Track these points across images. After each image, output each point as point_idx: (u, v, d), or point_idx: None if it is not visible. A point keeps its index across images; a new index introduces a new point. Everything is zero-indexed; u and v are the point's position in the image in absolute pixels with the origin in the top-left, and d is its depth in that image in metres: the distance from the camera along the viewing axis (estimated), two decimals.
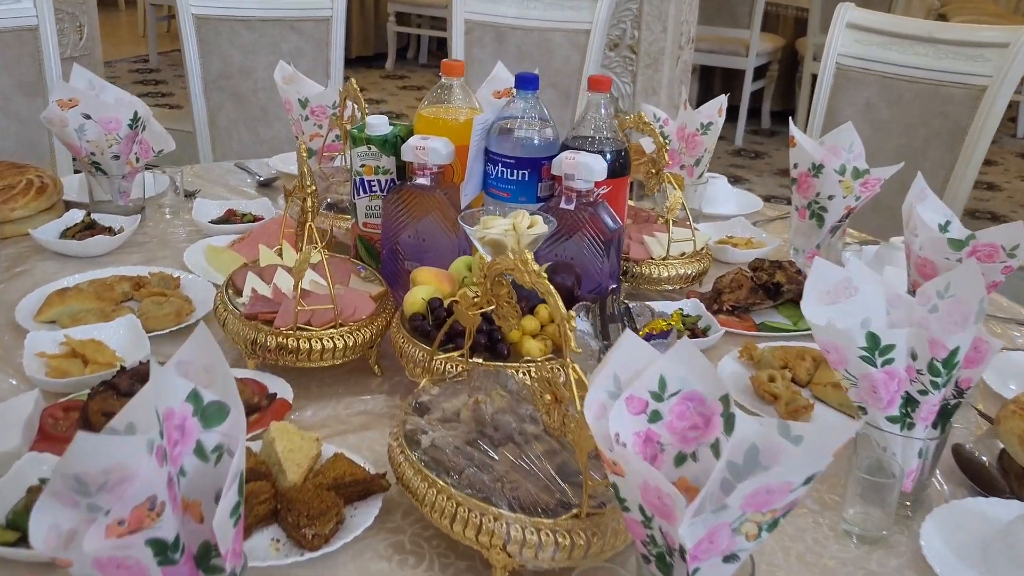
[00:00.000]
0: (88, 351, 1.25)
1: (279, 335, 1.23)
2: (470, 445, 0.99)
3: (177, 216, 1.87)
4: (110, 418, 1.08)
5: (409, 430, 1.01)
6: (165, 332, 1.37)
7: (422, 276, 1.31)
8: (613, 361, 0.81)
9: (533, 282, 0.93)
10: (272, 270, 1.39)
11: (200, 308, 1.45)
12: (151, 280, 1.50)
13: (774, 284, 1.54)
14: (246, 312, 1.27)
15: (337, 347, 1.24)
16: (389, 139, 1.46)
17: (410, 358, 1.21)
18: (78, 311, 1.39)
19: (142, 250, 1.71)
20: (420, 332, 1.22)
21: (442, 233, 1.41)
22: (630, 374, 0.81)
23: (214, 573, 0.77)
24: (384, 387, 1.30)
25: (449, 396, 1.07)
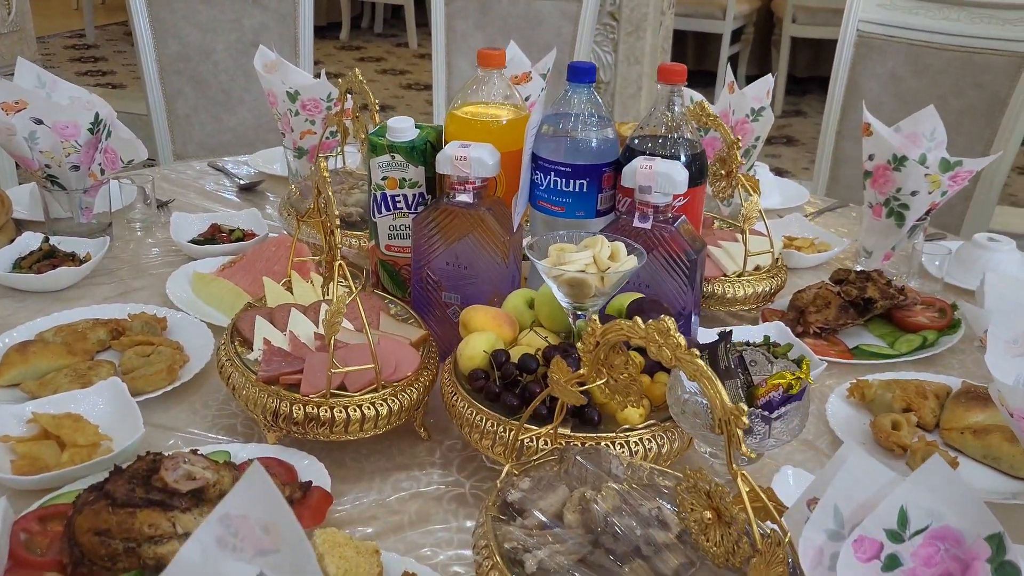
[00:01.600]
0: (65, 431, 1.00)
1: (308, 404, 0.99)
2: (588, 566, 0.76)
3: (150, 233, 1.60)
4: (105, 539, 0.84)
5: (508, 548, 0.78)
6: (157, 394, 1.11)
7: (476, 320, 1.07)
8: (834, 489, 0.59)
9: (678, 362, 0.70)
10: (284, 312, 1.14)
11: (194, 357, 1.20)
12: (132, 325, 1.23)
13: (865, 300, 1.33)
14: (263, 376, 1.02)
15: (380, 414, 1.00)
16: (417, 146, 1.21)
17: (475, 427, 0.97)
18: (46, 371, 1.13)
19: (113, 279, 1.44)
20: (487, 395, 0.98)
21: (488, 258, 1.17)
22: (857, 506, 0.59)
23: None
24: (436, 456, 1.07)
25: (544, 490, 0.85)
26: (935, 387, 1.16)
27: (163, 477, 0.86)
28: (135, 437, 0.98)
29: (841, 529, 0.59)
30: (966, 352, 1.32)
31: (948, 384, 1.18)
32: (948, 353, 1.30)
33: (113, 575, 0.83)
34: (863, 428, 1.12)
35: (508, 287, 1.18)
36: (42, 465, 0.97)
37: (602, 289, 1.00)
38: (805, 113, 5.29)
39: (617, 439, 0.94)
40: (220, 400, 1.14)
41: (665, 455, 0.96)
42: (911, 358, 1.27)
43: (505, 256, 1.17)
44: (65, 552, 0.84)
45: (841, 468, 0.58)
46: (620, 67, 4.14)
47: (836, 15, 4.82)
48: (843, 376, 1.24)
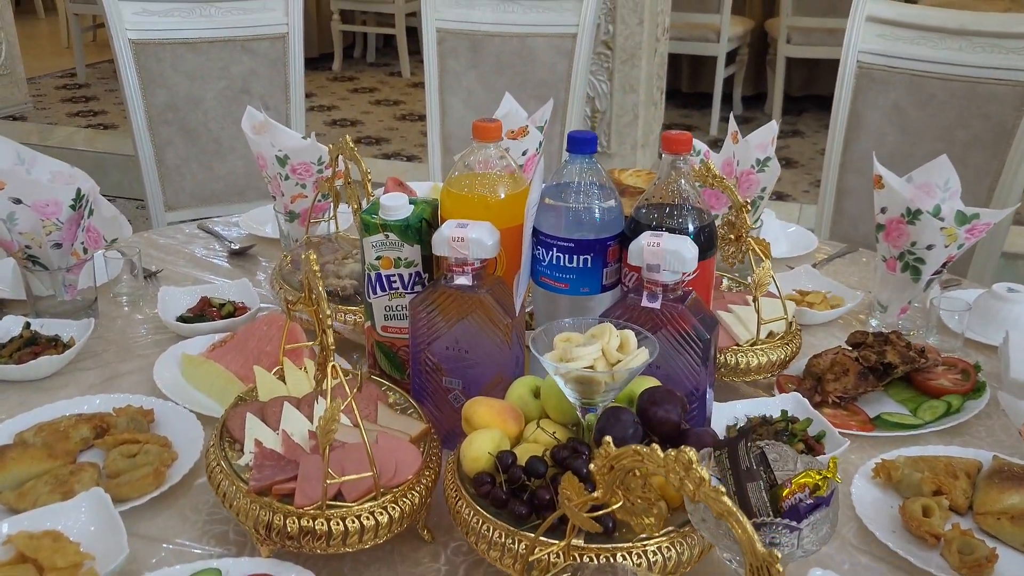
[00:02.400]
0: (43, 553, 0.93)
1: (303, 517, 0.92)
2: None
3: (137, 308, 1.54)
4: None
5: None
6: (144, 500, 1.05)
7: (480, 415, 1.01)
8: None
9: (702, 498, 0.64)
10: (276, 407, 1.08)
11: (183, 453, 1.13)
12: (117, 420, 1.17)
13: (884, 364, 1.27)
14: (255, 486, 0.96)
15: (380, 523, 0.94)
16: (412, 224, 1.16)
17: (483, 537, 0.91)
18: (25, 478, 1.07)
19: (98, 363, 1.38)
20: (494, 502, 0.92)
21: (489, 341, 1.11)
22: None
23: None
24: (441, 561, 1.00)
25: None
26: (965, 464, 1.10)
27: None
28: (119, 559, 0.92)
29: None
30: (994, 417, 1.26)
31: (979, 459, 1.12)
32: (975, 420, 1.24)
33: None
34: (891, 513, 1.06)
35: (511, 370, 1.13)
36: None
37: (612, 384, 0.94)
38: (803, 133, 5.25)
39: (634, 549, 0.88)
40: (211, 504, 1.08)
41: (685, 562, 0.90)
42: (936, 428, 1.21)
43: (508, 339, 1.11)
44: None
45: None
46: (616, 96, 4.10)
47: (831, 35, 4.82)
48: (865, 450, 1.18)
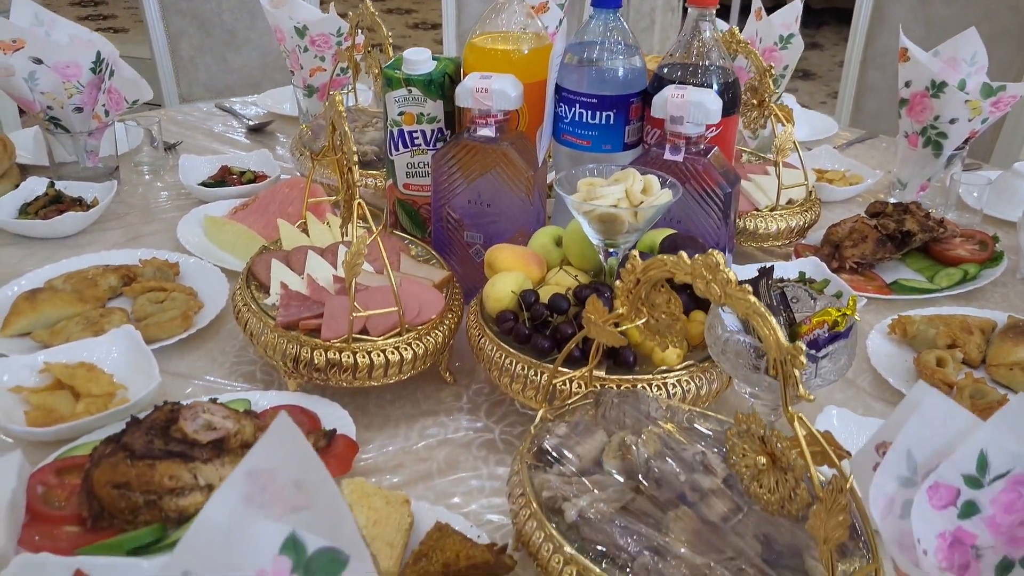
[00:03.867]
0: (78, 380, 0.96)
1: (330, 350, 0.94)
2: (630, 514, 0.72)
3: (158, 176, 1.55)
4: (123, 492, 0.81)
5: (547, 497, 0.74)
6: (172, 341, 1.07)
7: (502, 259, 1.02)
8: (907, 434, 0.54)
9: (728, 299, 0.66)
10: (301, 255, 1.09)
11: (208, 303, 1.15)
12: (143, 270, 1.19)
13: (903, 233, 1.28)
14: (282, 321, 0.97)
15: (405, 359, 0.96)
16: (435, 79, 1.15)
17: (505, 371, 0.93)
18: (57, 319, 1.09)
19: (122, 224, 1.39)
20: (516, 337, 0.94)
21: (511, 195, 1.12)
22: (932, 451, 0.54)
23: None
24: (462, 401, 1.03)
25: (581, 436, 0.81)
26: (980, 322, 1.12)
27: (182, 427, 0.83)
28: (151, 386, 0.95)
29: (914, 476, 0.54)
30: (1009, 285, 1.27)
31: (993, 319, 1.13)
32: (991, 287, 1.25)
33: (134, 528, 0.80)
34: (906, 366, 1.08)
35: (532, 225, 1.13)
36: (56, 416, 0.93)
37: (635, 224, 0.95)
38: (821, 46, 5.16)
39: (654, 381, 0.90)
40: (238, 347, 1.10)
41: (704, 396, 0.92)
42: (952, 292, 1.22)
43: (529, 193, 1.11)
44: (84, 506, 0.81)
45: (915, 411, 0.54)
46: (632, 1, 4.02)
47: None
48: (881, 312, 1.19)
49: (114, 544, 0.78)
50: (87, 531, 0.80)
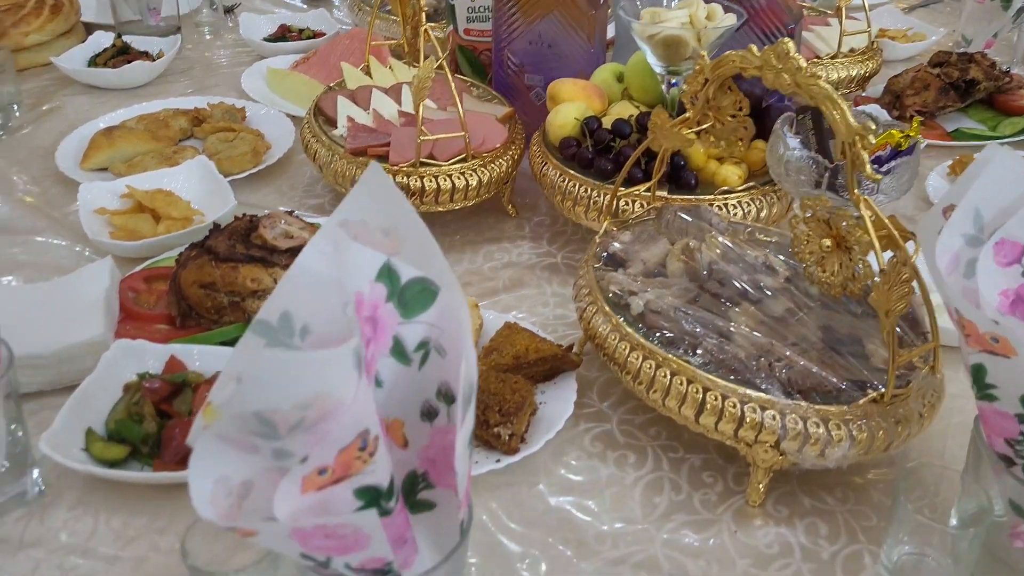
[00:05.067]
0: (159, 204, 1.00)
1: (398, 174, 0.97)
2: (695, 308, 0.75)
3: (218, 36, 1.57)
4: (209, 291, 0.85)
5: (614, 291, 0.77)
6: (243, 175, 1.11)
7: (565, 91, 1.03)
8: (976, 192, 0.56)
9: (797, 87, 0.67)
10: (366, 93, 1.11)
11: (276, 144, 1.18)
12: (212, 113, 1.22)
13: (967, 82, 1.26)
14: (351, 147, 1.00)
15: (470, 185, 0.99)
16: None
17: (568, 194, 0.95)
18: (132, 155, 1.13)
19: (187, 77, 1.42)
20: (580, 161, 0.96)
21: (572, 37, 1.12)
22: (999, 209, 0.56)
23: (423, 510, 0.56)
24: (525, 231, 1.06)
25: (645, 243, 0.83)
26: None
27: (262, 235, 0.87)
28: (228, 207, 0.98)
29: (980, 234, 0.56)
30: None
31: None
32: None
33: (219, 327, 0.85)
34: None
35: (592, 67, 1.14)
36: (138, 236, 0.98)
37: (699, 49, 0.95)
38: None
39: (715, 201, 0.92)
40: (305, 182, 1.14)
41: (763, 220, 0.94)
42: (1015, 139, 1.21)
43: (591, 35, 1.12)
44: (173, 305, 0.86)
45: (984, 169, 0.55)
46: None
47: None
48: (942, 157, 1.18)
49: (202, 338, 0.83)
50: (175, 329, 0.85)
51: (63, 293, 0.84)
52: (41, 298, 0.83)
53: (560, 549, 0.66)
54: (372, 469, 0.47)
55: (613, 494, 0.71)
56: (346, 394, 0.44)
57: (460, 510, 0.52)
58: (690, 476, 0.73)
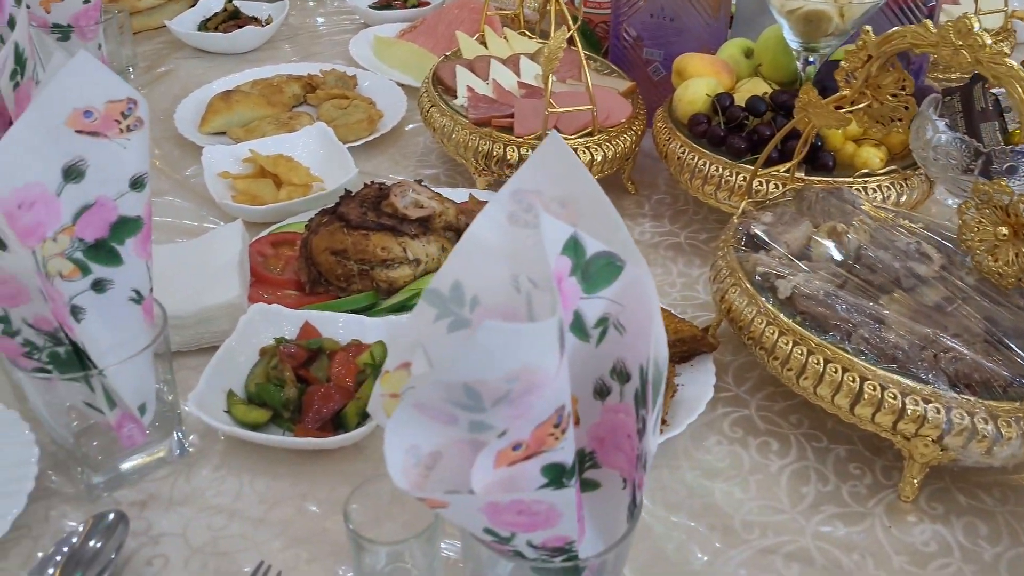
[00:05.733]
0: (280, 169, 1.00)
1: (523, 146, 0.96)
2: (847, 292, 0.73)
3: (322, 3, 1.57)
4: (340, 258, 0.85)
5: (761, 274, 0.75)
6: (359, 143, 1.10)
7: (693, 66, 1.01)
8: None
9: (978, 65, 0.64)
10: (484, 63, 1.10)
11: (388, 112, 1.18)
12: (325, 80, 1.22)
13: None
14: (474, 118, 0.99)
15: (595, 160, 0.97)
16: None
17: (697, 173, 0.93)
18: (249, 119, 1.13)
19: (293, 44, 1.42)
20: (711, 139, 0.93)
21: (694, 10, 1.09)
22: None
23: (588, 489, 0.55)
24: (645, 209, 1.03)
25: (787, 225, 0.80)
26: None
27: (393, 203, 0.86)
28: (350, 175, 0.98)
29: None
30: None
31: None
32: None
33: (347, 295, 0.85)
34: None
35: (714, 42, 1.11)
36: (261, 201, 0.98)
37: (841, 25, 0.92)
38: None
39: (855, 183, 0.88)
40: (419, 151, 1.13)
41: (903, 204, 0.90)
42: None
43: (715, 7, 1.09)
44: (302, 271, 0.86)
45: None
46: None
47: None
48: None
49: (333, 306, 0.83)
50: (304, 295, 0.85)
51: (198, 255, 0.84)
52: (178, 259, 0.83)
53: (706, 535, 0.65)
54: (563, 446, 0.46)
55: (758, 481, 0.69)
56: (551, 368, 0.43)
57: (636, 491, 0.51)
58: (836, 467, 0.71)
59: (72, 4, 1.11)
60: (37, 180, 0.62)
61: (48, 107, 0.61)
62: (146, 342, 0.65)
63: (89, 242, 0.64)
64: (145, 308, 0.67)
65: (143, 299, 0.67)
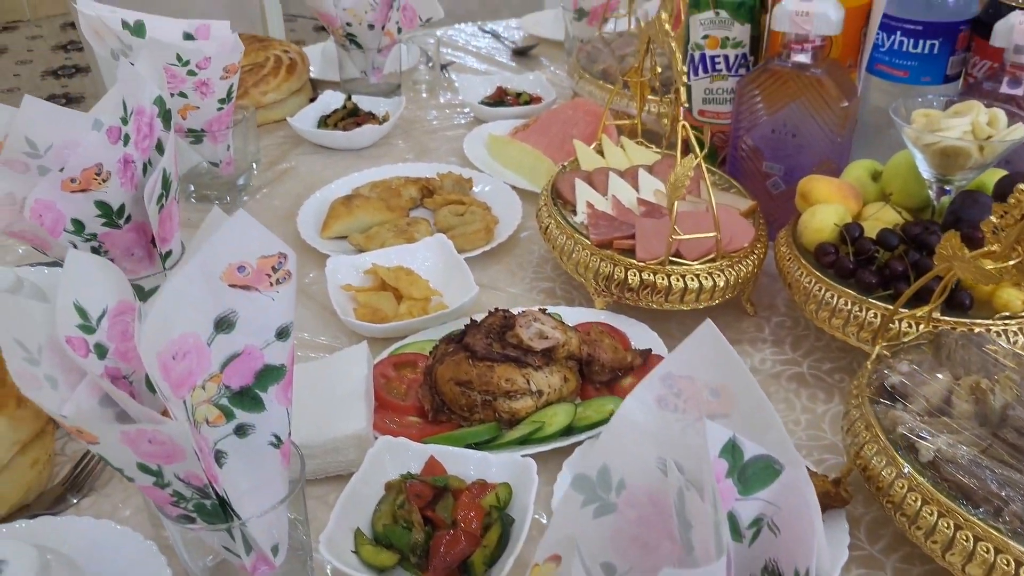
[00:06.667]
0: (401, 283, 1.02)
1: (645, 271, 0.95)
2: (990, 457, 0.70)
3: (434, 95, 1.61)
4: (465, 389, 0.85)
5: (901, 434, 0.72)
6: (476, 253, 1.12)
7: (819, 190, 0.99)
8: None
9: None
10: (602, 176, 1.11)
11: (503, 217, 1.19)
12: (442, 184, 1.24)
13: None
14: (596, 239, 0.99)
15: (717, 285, 0.96)
16: (746, 1, 1.12)
17: (824, 305, 0.91)
18: (369, 224, 1.16)
19: (408, 139, 1.45)
20: (839, 271, 0.92)
21: (819, 126, 1.08)
22: None
23: None
24: (765, 332, 1.02)
25: (925, 376, 0.78)
26: None
27: (518, 334, 0.86)
28: (471, 295, 0.99)
29: None
30: None
31: None
32: None
33: (469, 424, 0.85)
34: None
35: (837, 157, 1.09)
36: (381, 315, 0.99)
37: (980, 160, 0.90)
38: None
39: (994, 326, 0.85)
40: (535, 261, 1.14)
41: None
42: None
43: (841, 125, 1.07)
44: (426, 398, 0.86)
45: None
46: None
47: None
48: None
49: (456, 437, 0.83)
50: (427, 423, 0.86)
51: (325, 378, 0.85)
52: (304, 381, 0.85)
53: None
54: None
55: None
56: None
57: None
58: None
59: (207, 111, 1.16)
60: (192, 331, 0.64)
61: (206, 263, 0.63)
62: (281, 484, 0.67)
63: (235, 389, 0.66)
64: (283, 452, 0.68)
65: (282, 444, 0.68)
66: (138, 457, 0.60)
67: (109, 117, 0.83)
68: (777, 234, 1.03)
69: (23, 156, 0.80)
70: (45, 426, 0.80)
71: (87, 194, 0.85)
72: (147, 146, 0.89)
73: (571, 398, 0.88)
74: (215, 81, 1.14)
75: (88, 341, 0.62)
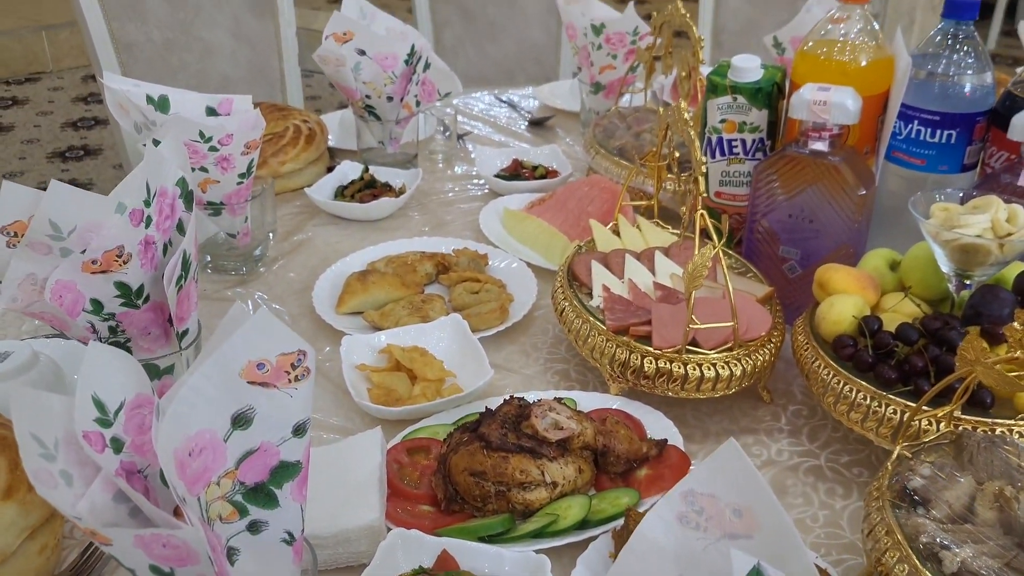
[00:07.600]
0: (416, 364, 1.01)
1: (661, 358, 0.95)
2: (1014, 570, 0.68)
3: (450, 165, 1.62)
4: (478, 479, 0.84)
5: (925, 543, 0.71)
6: (490, 333, 1.11)
7: (837, 281, 0.99)
8: None
9: None
10: (619, 258, 1.11)
11: (518, 295, 1.19)
12: (458, 260, 1.24)
13: None
14: (612, 325, 0.99)
15: (734, 374, 0.95)
16: (763, 88, 1.13)
17: (843, 399, 0.90)
18: (384, 301, 1.16)
19: (424, 211, 1.46)
20: (858, 365, 0.91)
21: (835, 212, 1.08)
22: None
23: None
24: (781, 422, 1.01)
25: (948, 480, 0.77)
26: None
27: (533, 424, 0.86)
28: (485, 378, 0.98)
29: None
30: None
31: None
32: None
33: (482, 515, 0.84)
34: None
35: (854, 243, 1.09)
36: (395, 396, 0.99)
37: (1000, 257, 0.89)
38: None
39: (1016, 427, 0.84)
40: (549, 342, 1.13)
41: None
42: None
43: (858, 212, 1.07)
44: (439, 487, 0.85)
45: None
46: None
47: None
48: None
49: (469, 529, 0.82)
50: (440, 513, 0.85)
51: (337, 464, 0.85)
52: (318, 466, 0.84)
53: None
54: None
55: None
56: None
57: None
58: None
59: (227, 185, 1.17)
60: (209, 427, 0.63)
61: (226, 360, 0.63)
62: None
63: (249, 485, 0.65)
64: (295, 549, 0.68)
65: (294, 540, 0.67)
66: (151, 559, 0.59)
67: (132, 200, 0.84)
68: (794, 320, 1.03)
69: (46, 238, 0.81)
70: (55, 510, 0.80)
71: (107, 275, 0.85)
72: (168, 227, 0.90)
73: (586, 489, 0.87)
74: (236, 156, 1.15)
75: (105, 435, 0.62)
